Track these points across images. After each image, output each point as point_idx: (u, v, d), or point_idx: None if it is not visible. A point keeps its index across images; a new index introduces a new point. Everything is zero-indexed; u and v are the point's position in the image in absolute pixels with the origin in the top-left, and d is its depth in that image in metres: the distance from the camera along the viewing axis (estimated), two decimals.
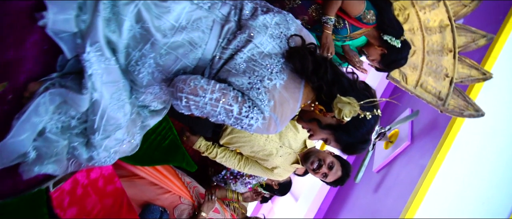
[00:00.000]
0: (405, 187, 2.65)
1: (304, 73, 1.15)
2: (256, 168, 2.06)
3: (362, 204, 3.14)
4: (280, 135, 1.97)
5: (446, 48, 2.52)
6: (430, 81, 2.49)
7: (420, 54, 2.48)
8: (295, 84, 1.16)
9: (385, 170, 3.06)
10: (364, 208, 3.08)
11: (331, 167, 1.97)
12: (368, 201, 3.08)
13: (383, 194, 2.91)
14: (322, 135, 1.26)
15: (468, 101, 2.48)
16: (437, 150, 2.58)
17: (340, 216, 3.33)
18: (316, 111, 1.21)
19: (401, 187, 2.73)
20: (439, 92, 2.49)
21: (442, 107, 2.46)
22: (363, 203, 3.14)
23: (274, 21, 1.20)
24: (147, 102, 1.24)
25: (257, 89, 1.10)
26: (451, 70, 2.51)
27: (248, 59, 1.13)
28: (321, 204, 3.69)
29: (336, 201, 3.51)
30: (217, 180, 2.38)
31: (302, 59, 1.14)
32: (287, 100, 1.14)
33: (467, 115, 2.48)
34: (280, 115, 1.13)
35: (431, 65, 2.51)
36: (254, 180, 2.42)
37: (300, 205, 3.93)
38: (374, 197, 3.01)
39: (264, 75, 1.11)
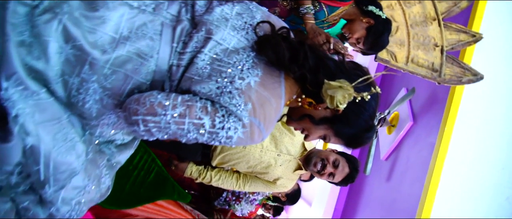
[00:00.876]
0: (419, 168, 2.43)
1: (281, 64, 0.93)
2: (257, 183, 1.82)
3: (378, 196, 2.90)
4: (276, 143, 1.74)
5: (429, 17, 2.33)
6: (420, 54, 2.28)
7: (404, 29, 2.28)
8: (274, 79, 0.93)
9: (394, 155, 2.82)
10: (381, 199, 2.84)
11: (337, 165, 1.73)
12: (383, 191, 2.84)
13: (397, 181, 2.67)
14: (319, 132, 1.03)
15: (464, 67, 2.27)
16: (443, 123, 2.36)
17: (358, 212, 3.08)
18: (305, 105, 0.99)
19: (414, 169, 2.50)
20: (432, 63, 2.28)
21: (439, 78, 2.25)
22: (378, 195, 2.90)
23: (235, 12, 0.99)
24: (108, 136, 1.00)
25: (228, 94, 0.88)
26: (439, 39, 2.31)
27: (211, 60, 0.91)
28: (335, 204, 3.43)
29: (351, 198, 3.26)
30: (219, 204, 2.13)
31: (275, 48, 0.92)
32: (268, 99, 0.91)
33: (466, 81, 2.27)
34: (262, 118, 0.90)
35: (418, 38, 2.30)
36: (259, 195, 2.17)
37: (315, 209, 3.68)
38: (389, 185, 2.77)
39: (233, 75, 0.89)
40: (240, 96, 0.87)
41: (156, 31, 0.92)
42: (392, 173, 2.77)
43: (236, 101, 0.87)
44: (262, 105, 0.90)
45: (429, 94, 2.67)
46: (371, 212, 2.90)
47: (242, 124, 0.88)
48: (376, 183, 2.96)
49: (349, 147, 1.07)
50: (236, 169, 1.81)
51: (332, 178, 1.74)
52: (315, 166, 1.73)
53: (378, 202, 2.85)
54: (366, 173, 2.78)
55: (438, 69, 2.28)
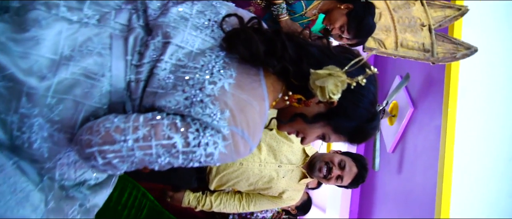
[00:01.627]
0: (429, 154, 2.25)
1: (257, 59, 0.77)
2: (262, 201, 1.63)
3: (392, 190, 2.70)
4: (274, 154, 1.57)
5: None
6: (408, 37, 2.13)
7: (387, 14, 2.13)
8: (252, 78, 0.77)
9: (400, 146, 2.64)
10: (395, 193, 2.64)
11: (343, 166, 1.55)
12: (396, 185, 2.64)
13: (409, 171, 2.48)
14: (316, 132, 0.86)
15: (455, 42, 2.12)
16: (445, 103, 2.20)
17: (374, 210, 2.87)
18: (294, 103, 0.82)
19: (425, 156, 2.32)
20: (423, 44, 2.13)
21: (433, 58, 2.10)
22: (392, 189, 2.70)
23: (195, 10, 0.83)
24: (74, 177, 0.83)
25: (199, 103, 0.72)
26: (424, 18, 2.16)
27: (174, 68, 0.76)
28: (350, 206, 3.22)
29: (364, 197, 3.05)
30: None
31: (247, 42, 0.76)
32: (248, 102, 0.75)
33: (461, 56, 2.12)
34: (245, 125, 0.74)
35: (403, 21, 2.16)
36: (268, 213, 1.98)
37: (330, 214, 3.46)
38: (401, 178, 2.58)
39: (203, 80, 0.73)
40: (214, 104, 0.71)
41: (105, 45, 0.75)
42: (402, 164, 2.59)
43: (210, 111, 0.70)
44: (242, 110, 0.73)
45: (424, 77, 2.51)
46: (388, 208, 2.70)
47: (222, 136, 0.71)
48: (387, 178, 2.77)
49: (353, 143, 0.89)
50: (237, 189, 1.63)
51: (341, 181, 1.56)
52: (320, 171, 1.55)
53: (393, 197, 2.66)
54: (375, 169, 2.60)
55: (430, 49, 2.13)
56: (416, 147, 2.44)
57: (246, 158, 1.53)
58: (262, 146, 1.55)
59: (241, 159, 1.53)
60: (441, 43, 2.14)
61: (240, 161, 1.53)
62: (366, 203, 2.99)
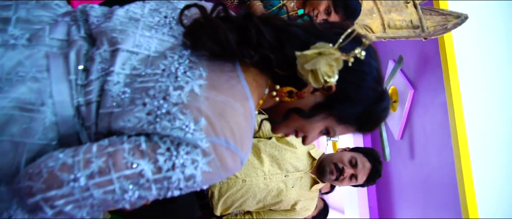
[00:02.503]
0: (440, 133, 2.08)
1: (229, 52, 0.60)
2: (275, 217, 1.44)
3: (409, 178, 2.50)
4: (278, 163, 1.39)
5: None
6: (395, 17, 1.99)
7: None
8: (228, 75, 0.61)
9: (408, 131, 2.46)
10: (413, 180, 2.45)
11: (355, 164, 1.37)
12: (412, 172, 2.45)
13: (423, 155, 2.30)
14: (317, 127, 0.69)
15: (444, 13, 1.98)
16: (446, 77, 2.04)
17: (395, 202, 2.67)
18: (284, 98, 0.65)
19: (436, 136, 2.15)
20: (411, 21, 1.98)
21: (424, 33, 1.95)
22: (409, 177, 2.51)
23: (148, 9, 0.67)
24: None
25: (166, 115, 0.55)
26: None
27: (129, 79, 0.60)
28: (368, 202, 3.01)
29: (382, 191, 2.85)
30: None
31: (213, 34, 0.60)
32: (228, 104, 0.58)
33: (452, 26, 1.97)
34: (228, 133, 0.57)
35: (386, 2, 2.02)
36: None
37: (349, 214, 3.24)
38: (416, 163, 2.39)
39: (166, 87, 0.57)
40: (185, 113, 0.55)
41: (40, 68, 0.59)
42: (413, 149, 2.40)
43: (181, 122, 0.54)
44: (221, 115, 0.56)
45: (418, 55, 2.35)
46: (408, 197, 2.50)
47: (201, 152, 0.55)
48: (401, 166, 2.58)
49: (363, 132, 0.72)
50: (246, 209, 1.45)
51: (355, 180, 1.38)
52: (332, 173, 1.37)
53: (411, 184, 2.46)
54: (386, 159, 2.41)
55: (419, 24, 1.98)
56: (425, 128, 2.27)
57: (249, 174, 1.36)
58: (264, 158, 1.37)
59: (243, 176, 1.35)
60: (429, 16, 1.99)
61: (242, 178, 1.35)
62: (385, 196, 2.79)
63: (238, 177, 1.35)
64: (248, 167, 1.36)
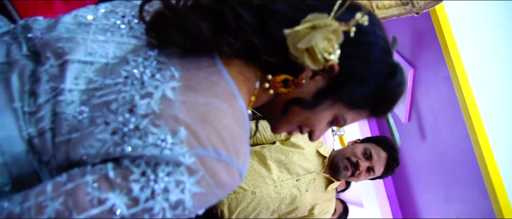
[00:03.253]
0: (448, 107, 1.96)
1: (203, 44, 0.48)
2: None
3: (424, 160, 2.37)
4: (287, 168, 1.26)
5: None
6: None
7: None
8: (206, 71, 0.49)
9: (414, 112, 2.34)
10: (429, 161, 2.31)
11: (369, 155, 1.24)
12: (426, 153, 2.32)
13: (435, 133, 2.17)
14: (324, 117, 0.56)
15: None
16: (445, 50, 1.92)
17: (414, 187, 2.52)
18: (279, 90, 0.53)
19: (445, 112, 2.02)
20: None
21: (415, 8, 1.83)
22: (423, 158, 2.37)
23: (102, 11, 0.55)
24: None
25: (135, 132, 0.43)
26: None
27: (86, 95, 0.47)
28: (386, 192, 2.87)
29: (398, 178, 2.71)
30: None
31: (182, 25, 0.48)
32: (212, 106, 0.46)
33: None
34: (217, 141, 0.45)
35: None
36: None
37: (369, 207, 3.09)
38: (428, 143, 2.26)
39: (131, 97, 0.45)
40: (158, 125, 0.43)
41: None
42: (424, 130, 2.27)
43: (155, 137, 0.42)
44: (205, 120, 0.44)
45: (411, 33, 2.24)
46: (428, 179, 2.36)
47: (186, 170, 0.42)
48: (414, 149, 2.45)
49: (378, 115, 0.59)
50: None
51: (373, 172, 1.24)
52: (346, 169, 1.24)
53: (428, 166, 2.32)
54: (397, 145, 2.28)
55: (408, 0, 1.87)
56: (432, 106, 2.14)
57: (257, 185, 1.23)
58: (271, 164, 1.24)
59: (252, 187, 1.22)
60: None
61: (251, 190, 1.22)
62: (402, 183, 2.64)
63: (247, 189, 1.22)
64: (255, 177, 1.23)
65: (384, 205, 2.78)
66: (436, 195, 2.34)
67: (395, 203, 2.76)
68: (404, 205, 2.71)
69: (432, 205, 2.41)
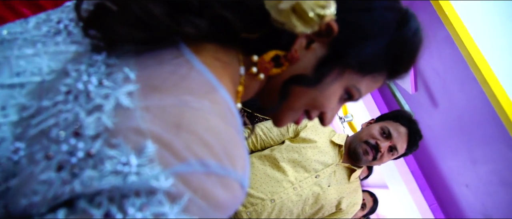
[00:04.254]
0: (455, 67, 1.83)
1: (160, 31, 0.36)
2: None
3: (440, 126, 2.23)
4: (303, 166, 1.13)
5: None
6: None
7: None
8: (172, 64, 0.36)
9: (420, 80, 2.21)
10: (446, 126, 2.17)
11: (388, 133, 1.11)
12: (441, 118, 2.18)
13: (446, 96, 2.04)
14: (334, 92, 0.44)
15: None
16: (438, 9, 1.80)
17: (437, 157, 2.38)
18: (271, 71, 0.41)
19: (451, 72, 1.90)
20: None
21: None
22: (439, 125, 2.23)
23: (33, 23, 0.43)
24: None
25: (86, 160, 0.30)
26: None
27: (20, 127, 0.34)
28: (408, 167, 2.72)
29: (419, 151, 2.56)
30: None
31: (129, 14, 0.36)
32: (187, 105, 0.33)
33: None
34: (200, 149, 0.32)
35: None
36: None
37: (394, 187, 2.94)
38: (442, 109, 2.12)
39: (75, 116, 0.32)
40: (115, 145, 0.30)
41: None
42: (434, 96, 2.14)
43: (114, 162, 0.30)
44: (179, 126, 0.32)
45: None
46: (449, 144, 2.22)
47: (165, 197, 0.30)
48: (428, 118, 2.31)
49: (398, 75, 0.46)
50: None
51: (396, 151, 1.11)
52: (367, 154, 1.11)
53: (447, 132, 2.18)
54: None
55: None
56: (437, 69, 2.01)
57: (275, 191, 1.10)
58: (284, 166, 1.12)
59: (270, 195, 1.10)
60: None
61: (270, 198, 1.10)
62: (424, 155, 2.49)
63: (265, 198, 1.09)
64: (271, 183, 1.11)
65: (409, 181, 2.63)
66: (462, 160, 2.20)
67: (421, 177, 2.61)
68: (430, 177, 2.56)
69: (460, 171, 2.26)
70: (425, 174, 2.58)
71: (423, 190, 2.59)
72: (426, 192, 2.58)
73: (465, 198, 2.34)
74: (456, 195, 2.40)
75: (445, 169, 2.39)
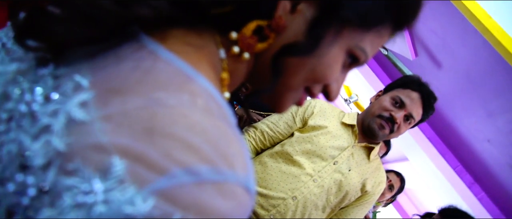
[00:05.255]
0: (452, 23, 1.75)
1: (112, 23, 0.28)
2: (352, 213, 1.09)
3: (448, 87, 2.14)
4: (318, 155, 1.05)
5: None
6: None
7: None
8: (133, 59, 0.28)
9: (419, 44, 2.12)
10: (455, 85, 2.08)
11: (400, 102, 1.03)
12: (448, 78, 2.09)
13: (448, 55, 1.95)
14: (334, 57, 0.35)
15: None
16: None
17: (452, 119, 2.29)
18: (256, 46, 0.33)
19: (450, 29, 1.81)
20: None
21: None
22: (448, 85, 2.14)
23: None
24: None
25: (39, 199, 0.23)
26: None
27: None
28: (424, 134, 2.62)
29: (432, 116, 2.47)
30: None
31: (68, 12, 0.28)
32: (158, 104, 0.25)
33: None
34: (185, 153, 0.24)
35: None
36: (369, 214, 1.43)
37: (415, 157, 2.84)
38: (446, 69, 2.03)
39: (18, 146, 0.25)
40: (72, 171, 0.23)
41: None
42: (436, 58, 2.05)
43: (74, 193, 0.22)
44: (152, 130, 0.24)
45: None
46: (462, 103, 2.13)
47: None
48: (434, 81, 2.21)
49: (404, 24, 0.37)
50: None
51: (413, 119, 1.03)
52: (382, 128, 1.02)
53: (457, 90, 2.09)
54: None
55: None
56: (435, 30, 1.92)
57: (295, 187, 1.02)
58: (299, 159, 1.04)
59: (291, 193, 1.02)
60: None
61: (291, 196, 1.02)
62: (438, 120, 2.39)
63: (286, 197, 1.02)
64: (288, 180, 1.03)
65: (428, 148, 2.53)
66: (478, 116, 2.10)
67: (439, 143, 2.51)
68: (449, 140, 2.46)
69: (478, 127, 2.16)
70: (443, 138, 2.48)
71: (444, 155, 2.49)
72: (447, 156, 2.48)
73: (489, 153, 2.24)
74: (479, 153, 2.30)
75: (462, 128, 2.29)
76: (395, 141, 2.81)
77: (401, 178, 1.80)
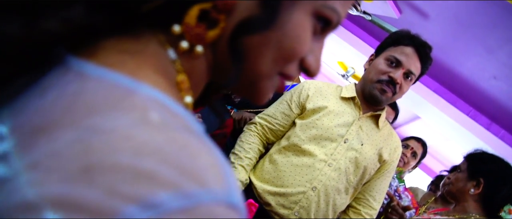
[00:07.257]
0: None
1: (22, 52, 0.23)
2: (375, 187, 1.03)
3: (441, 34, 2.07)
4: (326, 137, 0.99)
5: None
6: None
7: None
8: (56, 86, 0.22)
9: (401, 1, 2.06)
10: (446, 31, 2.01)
11: (396, 61, 0.97)
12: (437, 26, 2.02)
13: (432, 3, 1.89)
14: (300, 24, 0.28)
15: None
16: None
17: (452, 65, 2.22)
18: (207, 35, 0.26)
19: None
20: None
21: None
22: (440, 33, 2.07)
23: None
24: None
25: None
26: None
27: None
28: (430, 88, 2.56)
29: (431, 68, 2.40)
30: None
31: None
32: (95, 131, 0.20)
33: None
34: (137, 184, 0.18)
35: None
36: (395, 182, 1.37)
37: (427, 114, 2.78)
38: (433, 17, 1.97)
39: None
40: None
41: None
42: (420, 9, 1.98)
43: None
44: (88, 168, 0.18)
45: None
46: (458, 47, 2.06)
47: None
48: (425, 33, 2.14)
49: None
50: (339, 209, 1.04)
51: (413, 75, 0.97)
52: (384, 92, 0.96)
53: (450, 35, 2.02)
54: None
55: None
56: None
57: (312, 177, 0.96)
58: (308, 148, 0.98)
59: (309, 184, 0.96)
60: None
61: (310, 187, 0.96)
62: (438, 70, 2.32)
63: (305, 190, 0.96)
64: (303, 171, 0.97)
65: (437, 101, 2.46)
66: (478, 55, 2.02)
67: (446, 92, 2.43)
68: (455, 87, 2.38)
69: (481, 67, 2.08)
70: (448, 87, 2.41)
71: (455, 103, 2.41)
72: (458, 104, 2.40)
73: (499, 90, 2.16)
74: (489, 92, 2.22)
75: (465, 72, 2.21)
76: (402, 102, 2.73)
77: (422, 143, 1.74)
